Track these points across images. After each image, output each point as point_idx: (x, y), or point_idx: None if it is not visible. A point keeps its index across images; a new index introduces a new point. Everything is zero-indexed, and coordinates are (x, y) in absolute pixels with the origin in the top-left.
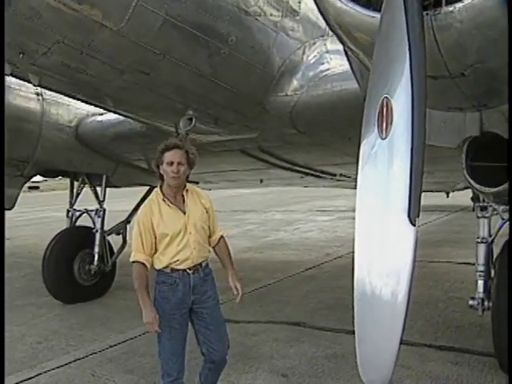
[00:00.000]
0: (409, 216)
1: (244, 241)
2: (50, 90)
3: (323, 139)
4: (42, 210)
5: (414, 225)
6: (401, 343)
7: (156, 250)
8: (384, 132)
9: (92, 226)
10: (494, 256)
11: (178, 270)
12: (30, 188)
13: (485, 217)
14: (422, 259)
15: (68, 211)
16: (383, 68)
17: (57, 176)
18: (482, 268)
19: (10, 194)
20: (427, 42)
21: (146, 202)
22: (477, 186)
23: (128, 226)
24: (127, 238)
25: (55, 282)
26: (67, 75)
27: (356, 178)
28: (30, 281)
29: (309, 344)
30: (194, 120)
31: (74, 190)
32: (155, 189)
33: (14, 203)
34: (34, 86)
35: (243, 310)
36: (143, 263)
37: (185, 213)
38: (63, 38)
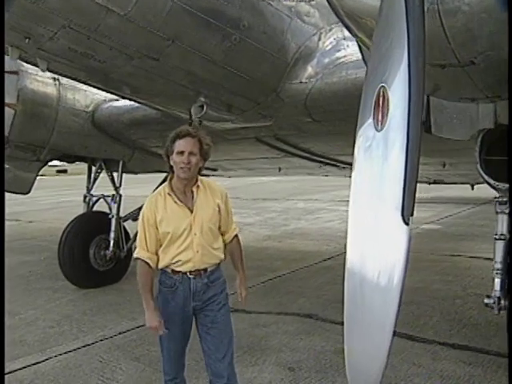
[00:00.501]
0: (402, 215)
1: (264, 229)
2: (60, 75)
3: (339, 128)
4: (67, 194)
5: (408, 224)
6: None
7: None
8: (379, 124)
9: (108, 211)
10: None
11: (178, 271)
12: (57, 171)
13: (504, 212)
14: (443, 253)
15: (85, 196)
16: (381, 55)
17: (74, 161)
18: (499, 266)
19: (26, 179)
20: (433, 28)
21: (153, 194)
22: (491, 181)
23: None
24: None
25: (71, 267)
26: (75, 60)
27: None
28: (49, 265)
29: (319, 337)
30: (205, 107)
31: (92, 176)
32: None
33: (31, 188)
34: (42, 71)
35: (255, 300)
36: (147, 262)
37: (192, 211)
38: (69, 22)
